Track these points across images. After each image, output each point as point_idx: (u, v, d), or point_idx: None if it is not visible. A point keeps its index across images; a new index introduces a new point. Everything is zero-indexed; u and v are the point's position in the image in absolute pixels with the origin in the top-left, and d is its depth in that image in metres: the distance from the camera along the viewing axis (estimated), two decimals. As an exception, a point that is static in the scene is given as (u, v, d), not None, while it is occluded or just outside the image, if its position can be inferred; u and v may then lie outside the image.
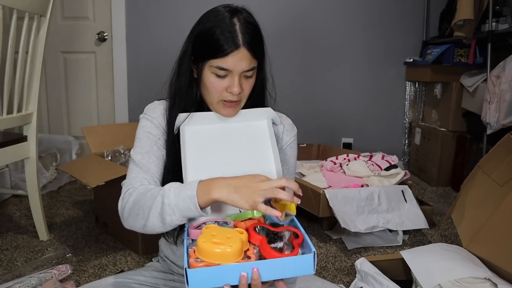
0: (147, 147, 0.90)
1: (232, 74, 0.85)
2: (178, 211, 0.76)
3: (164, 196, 0.77)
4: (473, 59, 2.57)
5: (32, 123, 1.70)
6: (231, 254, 0.66)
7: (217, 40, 0.83)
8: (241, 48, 0.82)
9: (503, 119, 2.05)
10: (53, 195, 2.41)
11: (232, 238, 0.68)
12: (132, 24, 2.85)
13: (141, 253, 1.67)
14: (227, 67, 0.83)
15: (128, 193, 0.84)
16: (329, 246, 1.81)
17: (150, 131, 0.92)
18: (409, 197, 1.93)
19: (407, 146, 3.13)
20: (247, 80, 0.88)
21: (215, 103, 0.89)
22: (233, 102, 0.88)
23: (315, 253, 0.68)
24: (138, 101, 2.90)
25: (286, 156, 1.01)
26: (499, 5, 2.28)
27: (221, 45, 0.82)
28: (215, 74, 0.85)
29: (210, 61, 0.84)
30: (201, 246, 0.67)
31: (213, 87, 0.87)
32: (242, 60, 0.83)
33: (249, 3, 0.95)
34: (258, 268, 0.65)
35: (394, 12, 2.93)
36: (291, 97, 2.95)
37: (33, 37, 1.63)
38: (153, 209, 0.78)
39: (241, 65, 0.84)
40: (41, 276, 1.29)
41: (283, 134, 1.01)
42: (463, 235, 1.43)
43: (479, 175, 1.42)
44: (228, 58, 0.82)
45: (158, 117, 0.93)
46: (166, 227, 0.79)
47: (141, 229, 0.82)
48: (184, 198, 0.75)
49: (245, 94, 0.89)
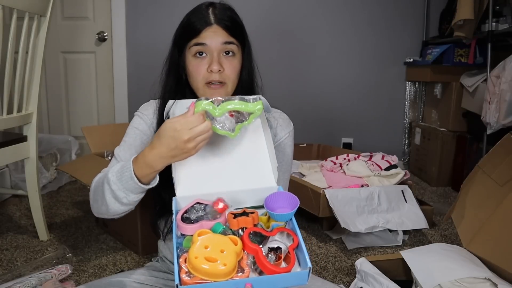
0: (130, 140, 0.94)
1: (210, 50, 0.88)
2: (128, 191, 0.79)
3: (110, 183, 0.80)
4: (473, 59, 2.57)
5: (32, 123, 1.70)
6: (225, 272, 0.64)
7: (191, 24, 0.89)
8: (214, 25, 0.87)
9: (503, 119, 2.05)
10: (53, 195, 2.41)
11: (227, 253, 0.66)
12: (132, 24, 2.85)
13: (141, 253, 1.67)
14: (203, 41, 0.87)
15: (97, 182, 0.88)
16: (329, 246, 1.81)
17: (137, 126, 0.96)
18: (409, 197, 1.93)
19: (407, 146, 3.13)
20: (228, 59, 0.89)
21: (201, 88, 0.90)
22: (217, 84, 0.89)
23: (311, 268, 0.68)
24: (138, 101, 2.86)
25: (279, 153, 1.00)
26: (499, 5, 2.28)
27: (194, 26, 0.88)
28: (195, 54, 0.88)
29: (188, 43, 0.89)
30: (193, 263, 0.64)
31: (195, 70, 0.89)
32: (216, 34, 0.87)
33: (252, 4, 0.97)
34: (252, 284, 0.65)
35: (394, 12, 2.93)
36: (291, 97, 2.95)
37: (33, 37, 1.63)
38: (107, 195, 0.81)
39: (216, 39, 0.87)
40: (41, 276, 1.29)
41: (276, 130, 0.99)
42: (463, 235, 1.43)
43: (479, 175, 1.42)
44: (202, 33, 0.87)
45: (149, 114, 0.96)
46: (128, 206, 0.83)
47: (107, 215, 0.86)
48: (127, 181, 0.78)
49: (227, 75, 0.89)
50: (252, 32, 0.98)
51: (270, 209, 0.75)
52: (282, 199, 0.77)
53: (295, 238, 0.72)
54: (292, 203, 0.76)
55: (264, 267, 0.67)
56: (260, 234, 0.72)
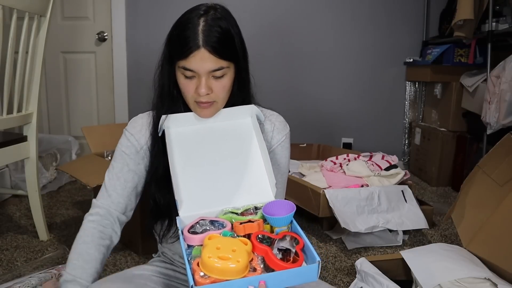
0: (118, 167, 0.94)
1: (199, 75, 0.84)
2: None
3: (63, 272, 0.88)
4: (473, 59, 2.57)
5: (32, 123, 1.70)
6: (239, 269, 0.65)
7: (181, 39, 0.83)
8: (202, 49, 0.81)
9: (503, 119, 2.05)
10: (53, 195, 2.41)
11: (238, 251, 0.67)
12: (132, 24, 2.85)
13: (141, 253, 1.67)
14: (190, 67, 0.83)
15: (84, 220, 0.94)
16: (329, 246, 1.81)
17: (124, 150, 0.94)
18: (409, 197, 1.93)
19: (407, 146, 3.13)
20: (218, 80, 0.85)
21: (191, 104, 0.89)
22: (205, 103, 0.87)
23: (320, 262, 0.69)
24: (138, 101, 2.90)
25: (277, 156, 0.99)
26: (499, 5, 2.28)
27: (183, 45, 0.82)
28: (184, 75, 0.85)
29: (178, 62, 0.85)
30: (207, 262, 0.65)
31: (184, 88, 0.87)
32: (203, 61, 0.82)
33: (252, 4, 0.95)
34: (265, 281, 0.66)
35: (394, 12, 2.93)
36: (291, 97, 2.95)
37: (33, 37, 1.63)
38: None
39: (204, 66, 0.82)
40: (41, 276, 1.29)
41: (273, 133, 0.98)
42: (463, 235, 1.43)
43: (479, 175, 1.42)
44: (190, 58, 0.82)
45: (136, 134, 0.94)
46: None
47: None
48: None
49: (217, 95, 0.86)
50: (251, 31, 0.97)
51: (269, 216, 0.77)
52: (279, 206, 0.79)
53: (300, 239, 0.73)
54: (288, 208, 0.78)
55: (275, 264, 0.68)
56: (267, 237, 0.74)
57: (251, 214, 0.80)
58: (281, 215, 0.76)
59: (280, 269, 0.67)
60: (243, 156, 0.89)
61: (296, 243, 0.73)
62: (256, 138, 0.91)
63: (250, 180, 0.86)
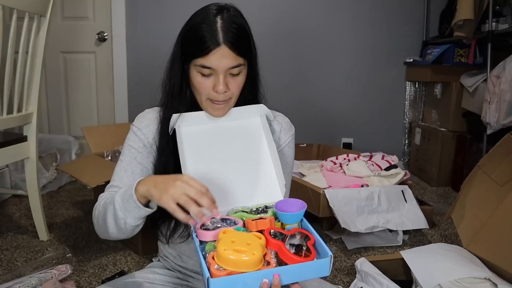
0: (126, 160, 0.94)
1: (217, 72, 0.84)
2: (127, 212, 0.79)
3: (114, 201, 0.80)
4: (473, 59, 2.57)
5: (32, 123, 1.70)
6: (254, 261, 0.67)
7: (199, 38, 0.83)
8: (222, 45, 0.82)
9: (503, 119, 2.05)
10: (53, 195, 2.41)
11: (253, 244, 0.68)
12: (132, 24, 2.85)
13: (141, 253, 1.67)
14: (210, 65, 0.83)
15: (98, 205, 0.89)
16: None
17: (132, 144, 0.95)
18: (409, 197, 1.93)
19: (407, 146, 3.13)
20: (234, 78, 0.86)
21: (204, 102, 0.89)
22: (221, 102, 0.87)
23: (332, 256, 0.70)
24: (138, 101, 2.90)
25: (284, 156, 1.00)
26: (499, 5, 2.28)
27: (202, 44, 0.82)
28: (201, 73, 0.85)
29: (194, 60, 0.85)
30: (222, 255, 0.66)
31: (200, 86, 0.86)
32: (224, 58, 0.83)
33: (252, 4, 0.95)
34: (279, 275, 0.67)
35: (394, 12, 2.93)
36: (291, 97, 2.95)
37: (33, 37, 1.63)
38: (109, 216, 0.82)
39: (224, 63, 0.83)
40: (41, 276, 1.29)
41: (280, 134, 1.00)
42: (463, 235, 1.43)
43: (479, 175, 1.42)
44: (210, 56, 0.82)
45: (144, 128, 0.94)
46: (123, 231, 0.83)
47: (109, 237, 0.87)
48: (127, 199, 0.78)
49: (233, 93, 0.87)
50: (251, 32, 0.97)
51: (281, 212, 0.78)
52: (291, 204, 0.80)
53: (311, 236, 0.75)
54: (300, 206, 0.80)
55: (289, 258, 0.69)
56: (279, 233, 0.75)
57: (261, 213, 0.81)
58: (293, 212, 0.77)
59: (294, 263, 0.68)
60: (253, 156, 0.89)
61: (307, 240, 0.74)
62: (265, 138, 0.91)
63: (260, 180, 0.87)
